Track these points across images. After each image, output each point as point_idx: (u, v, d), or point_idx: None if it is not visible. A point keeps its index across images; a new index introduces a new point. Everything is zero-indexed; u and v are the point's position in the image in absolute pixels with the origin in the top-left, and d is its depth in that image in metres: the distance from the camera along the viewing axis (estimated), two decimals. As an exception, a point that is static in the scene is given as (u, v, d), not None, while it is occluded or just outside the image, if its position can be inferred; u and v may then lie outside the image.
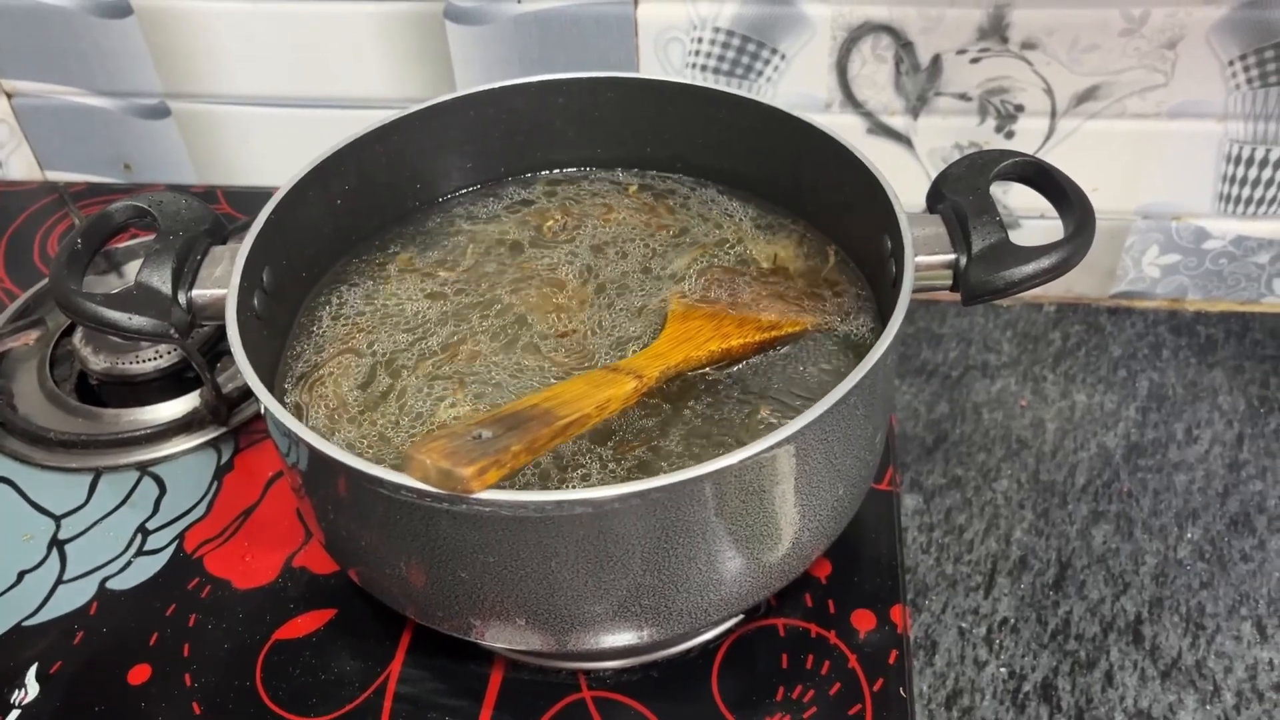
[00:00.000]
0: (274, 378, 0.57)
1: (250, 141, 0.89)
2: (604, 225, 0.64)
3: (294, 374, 0.57)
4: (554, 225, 0.63)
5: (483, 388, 0.55)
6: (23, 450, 0.69)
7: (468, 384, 0.55)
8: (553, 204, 0.66)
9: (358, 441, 0.53)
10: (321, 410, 0.55)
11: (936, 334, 0.82)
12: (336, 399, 0.55)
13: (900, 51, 0.75)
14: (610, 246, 0.63)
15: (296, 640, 0.59)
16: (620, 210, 0.65)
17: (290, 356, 0.58)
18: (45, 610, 0.60)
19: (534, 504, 0.43)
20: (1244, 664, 0.61)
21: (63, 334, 0.75)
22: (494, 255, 0.63)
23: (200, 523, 0.65)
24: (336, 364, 0.57)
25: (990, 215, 0.52)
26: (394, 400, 0.55)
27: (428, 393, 0.55)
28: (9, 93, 0.89)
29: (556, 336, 0.58)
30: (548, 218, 0.64)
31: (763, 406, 0.53)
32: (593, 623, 0.49)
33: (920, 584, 0.66)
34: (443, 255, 0.64)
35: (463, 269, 0.63)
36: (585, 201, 0.65)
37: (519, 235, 0.65)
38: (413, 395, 0.55)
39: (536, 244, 0.64)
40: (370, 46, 0.81)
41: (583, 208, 0.65)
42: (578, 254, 0.63)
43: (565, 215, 0.63)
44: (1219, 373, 0.78)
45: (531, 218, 0.66)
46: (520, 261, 0.63)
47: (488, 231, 0.65)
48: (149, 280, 0.52)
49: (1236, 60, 0.72)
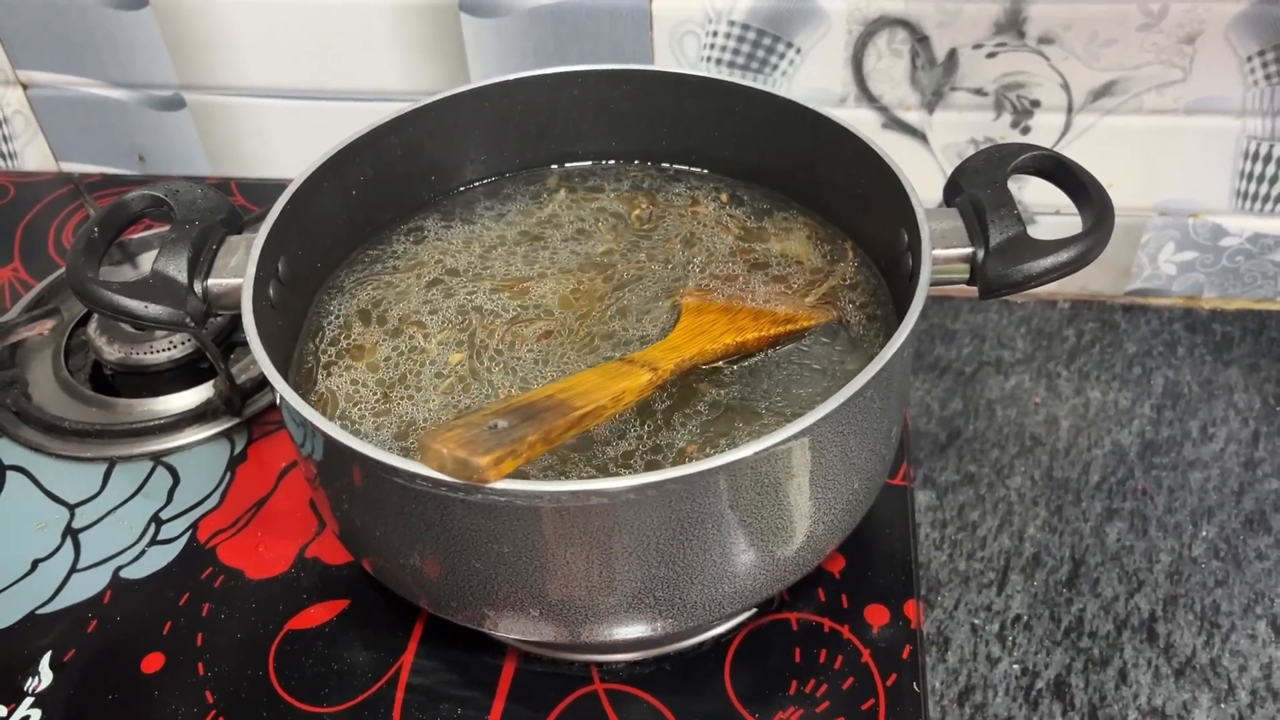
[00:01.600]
0: (289, 367, 0.57)
1: (265, 134, 0.89)
2: (685, 217, 0.64)
3: (309, 364, 0.57)
4: (641, 214, 0.63)
5: (499, 378, 0.55)
6: (37, 439, 0.69)
7: (484, 374, 0.55)
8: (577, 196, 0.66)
9: (373, 431, 0.53)
10: (336, 400, 0.55)
11: (950, 330, 0.82)
12: (351, 389, 0.55)
13: (916, 46, 0.74)
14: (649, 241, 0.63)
15: (309, 630, 0.59)
16: (703, 204, 0.65)
17: (305, 346, 0.58)
18: (59, 598, 0.61)
19: (549, 494, 0.43)
20: (1259, 663, 0.61)
21: (77, 324, 0.76)
22: (511, 246, 0.63)
23: (214, 513, 0.65)
24: (352, 354, 0.57)
25: (1008, 209, 0.52)
26: (410, 390, 0.55)
27: (444, 383, 0.55)
28: (24, 84, 0.90)
29: (573, 327, 0.58)
30: (636, 205, 0.64)
31: (778, 400, 0.53)
32: (606, 614, 0.49)
33: (933, 580, 0.65)
34: (458, 247, 0.64)
35: (479, 260, 0.63)
36: (669, 192, 0.66)
37: (535, 227, 0.65)
38: (429, 385, 0.55)
39: (552, 235, 0.64)
40: (385, 39, 0.81)
41: (668, 200, 0.65)
42: (605, 244, 0.63)
43: (652, 204, 0.63)
44: (1235, 371, 0.78)
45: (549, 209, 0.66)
46: (537, 253, 0.63)
47: (504, 223, 0.65)
48: (165, 269, 0.53)
49: (1255, 56, 0.71)
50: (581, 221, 0.65)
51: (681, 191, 0.67)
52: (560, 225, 0.65)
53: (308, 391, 0.56)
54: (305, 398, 0.55)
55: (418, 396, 0.54)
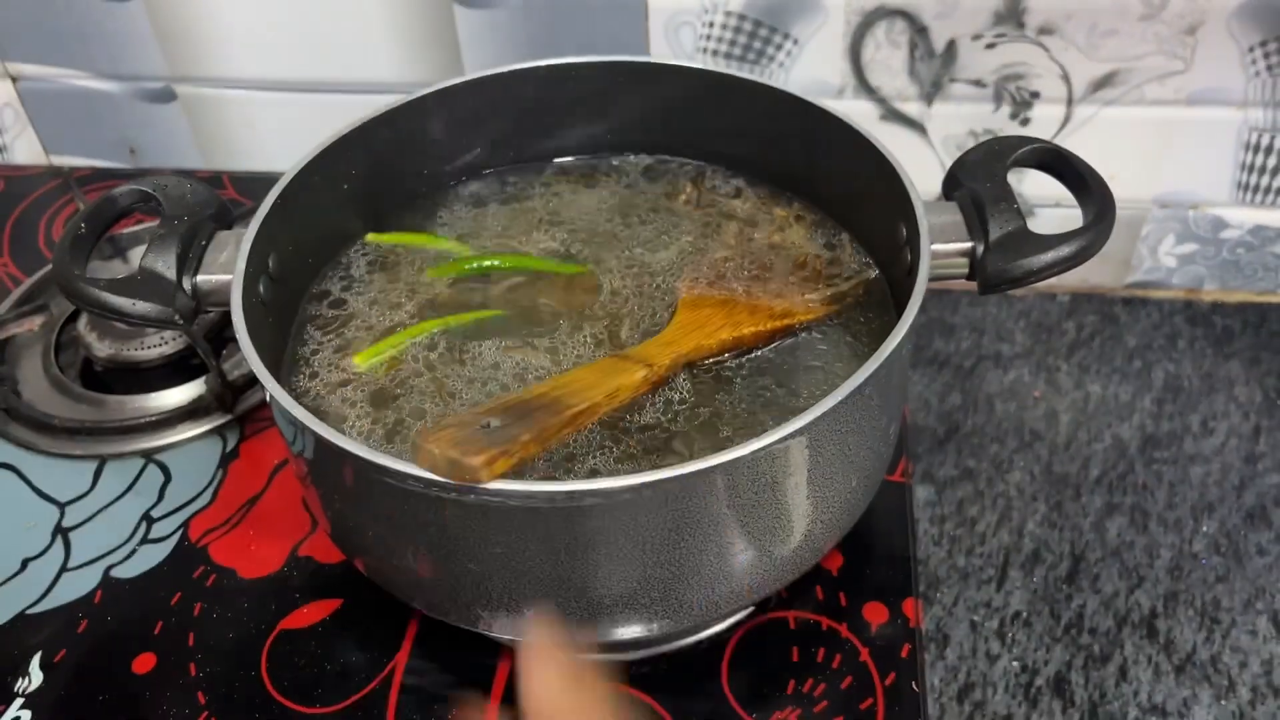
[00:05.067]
0: (279, 364, 0.56)
1: (256, 126, 0.88)
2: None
3: (300, 361, 0.56)
4: (688, 198, 0.62)
5: (493, 376, 0.54)
6: (27, 437, 0.68)
7: (477, 373, 0.55)
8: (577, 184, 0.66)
9: (364, 430, 0.52)
10: (327, 398, 0.54)
11: (949, 324, 0.81)
12: (343, 387, 0.55)
13: (915, 36, 0.73)
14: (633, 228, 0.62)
15: (302, 630, 0.58)
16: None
17: (296, 343, 0.57)
18: (49, 598, 0.60)
19: (544, 494, 0.42)
20: (1259, 659, 0.61)
21: (67, 320, 0.75)
22: (505, 239, 0.63)
23: (205, 511, 0.64)
24: (343, 351, 0.56)
25: (1008, 202, 0.51)
26: (401, 389, 0.54)
27: (436, 381, 0.54)
28: (14, 76, 0.89)
29: (567, 321, 0.57)
30: (680, 190, 0.63)
31: (774, 396, 0.52)
32: (602, 614, 0.48)
33: (932, 576, 0.65)
34: (452, 241, 0.63)
35: (472, 255, 0.62)
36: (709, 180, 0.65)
37: (530, 219, 0.64)
38: (421, 384, 0.54)
39: (547, 228, 0.63)
40: (378, 30, 0.80)
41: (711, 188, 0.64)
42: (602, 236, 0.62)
43: (697, 189, 0.63)
44: (1235, 364, 0.77)
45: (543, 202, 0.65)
46: (532, 246, 0.62)
47: (498, 215, 0.64)
48: (153, 265, 0.52)
49: (1257, 46, 0.71)
50: (577, 214, 0.64)
51: (678, 184, 0.66)
52: (555, 218, 0.64)
53: (298, 389, 0.55)
54: (295, 395, 0.54)
55: (410, 395, 0.54)
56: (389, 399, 0.54)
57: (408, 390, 0.54)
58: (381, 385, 0.54)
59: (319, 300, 0.60)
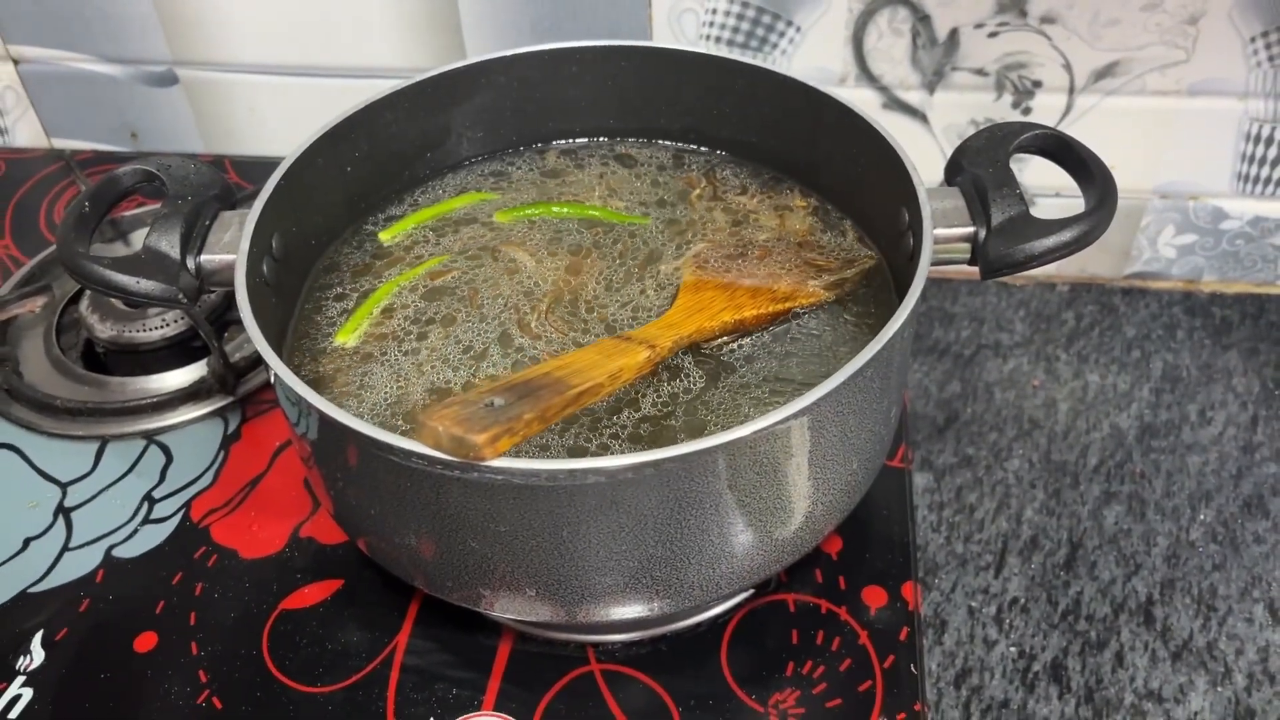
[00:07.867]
0: (283, 345, 0.56)
1: (258, 110, 0.88)
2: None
3: (303, 341, 0.57)
4: (700, 194, 0.62)
5: (496, 355, 0.54)
6: (29, 417, 0.68)
7: (480, 353, 0.55)
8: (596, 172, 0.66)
9: (367, 410, 0.53)
10: (331, 378, 0.54)
11: (949, 312, 0.81)
12: (346, 367, 0.55)
13: (917, 25, 0.74)
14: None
15: (303, 610, 0.58)
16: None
17: (299, 324, 0.58)
18: (51, 577, 0.60)
19: (546, 472, 0.42)
20: (1255, 646, 0.61)
21: (69, 301, 0.75)
22: (507, 224, 0.63)
23: (207, 492, 0.64)
24: (346, 332, 0.57)
25: (1010, 188, 0.52)
26: (404, 368, 0.54)
27: (439, 361, 0.54)
28: (16, 59, 0.89)
29: (569, 304, 0.57)
30: (694, 185, 0.64)
31: (776, 378, 0.53)
32: (603, 594, 0.48)
33: (930, 562, 0.65)
34: (454, 224, 0.63)
35: (476, 238, 0.62)
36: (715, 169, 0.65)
37: (532, 204, 0.64)
38: (424, 364, 0.54)
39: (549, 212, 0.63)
40: (380, 14, 0.80)
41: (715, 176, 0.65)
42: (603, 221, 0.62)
43: (710, 182, 0.63)
44: (1234, 354, 0.78)
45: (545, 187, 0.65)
46: (534, 231, 0.62)
47: (499, 200, 0.65)
48: (157, 245, 0.52)
49: (1258, 37, 0.71)
50: (578, 198, 0.64)
51: (681, 169, 0.66)
52: (558, 202, 0.64)
53: (302, 369, 0.55)
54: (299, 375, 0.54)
55: (414, 375, 0.54)
56: (393, 378, 0.54)
57: (407, 373, 0.54)
58: (385, 366, 0.54)
59: (322, 280, 0.60)
